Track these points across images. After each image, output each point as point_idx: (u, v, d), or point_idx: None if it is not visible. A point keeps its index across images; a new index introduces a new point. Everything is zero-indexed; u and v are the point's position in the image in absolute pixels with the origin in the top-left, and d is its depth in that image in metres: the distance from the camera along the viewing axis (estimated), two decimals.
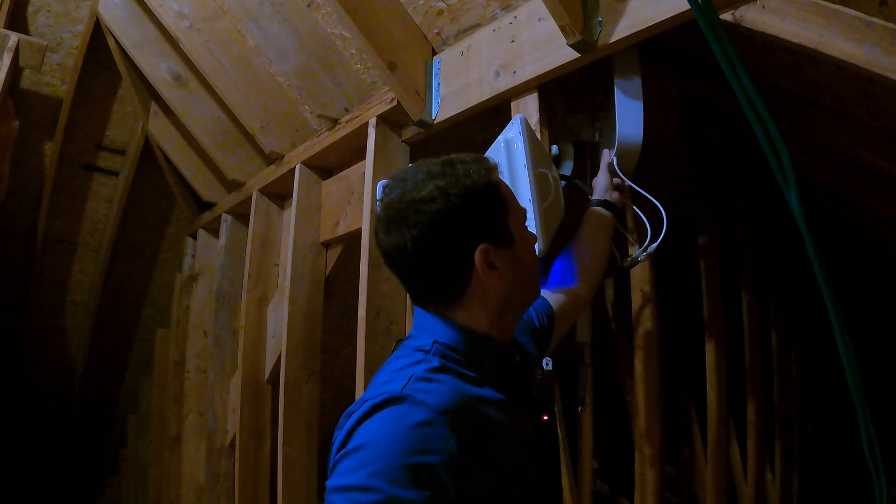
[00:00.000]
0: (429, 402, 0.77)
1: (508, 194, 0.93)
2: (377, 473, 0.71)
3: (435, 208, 0.85)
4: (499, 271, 0.88)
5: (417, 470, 0.72)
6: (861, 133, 1.64)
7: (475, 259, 0.86)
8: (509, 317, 0.94)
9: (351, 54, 2.16)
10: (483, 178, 0.89)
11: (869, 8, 1.10)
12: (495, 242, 0.88)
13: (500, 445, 0.83)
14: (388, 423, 0.75)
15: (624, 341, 2.62)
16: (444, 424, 0.75)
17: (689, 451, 3.28)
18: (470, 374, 0.86)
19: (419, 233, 0.85)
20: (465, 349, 0.88)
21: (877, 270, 3.35)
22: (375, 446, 0.73)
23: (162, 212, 3.71)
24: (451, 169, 0.89)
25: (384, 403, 0.77)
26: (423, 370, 0.83)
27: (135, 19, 2.70)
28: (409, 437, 0.74)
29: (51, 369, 3.72)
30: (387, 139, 2.02)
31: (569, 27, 1.38)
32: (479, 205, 0.87)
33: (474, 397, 0.83)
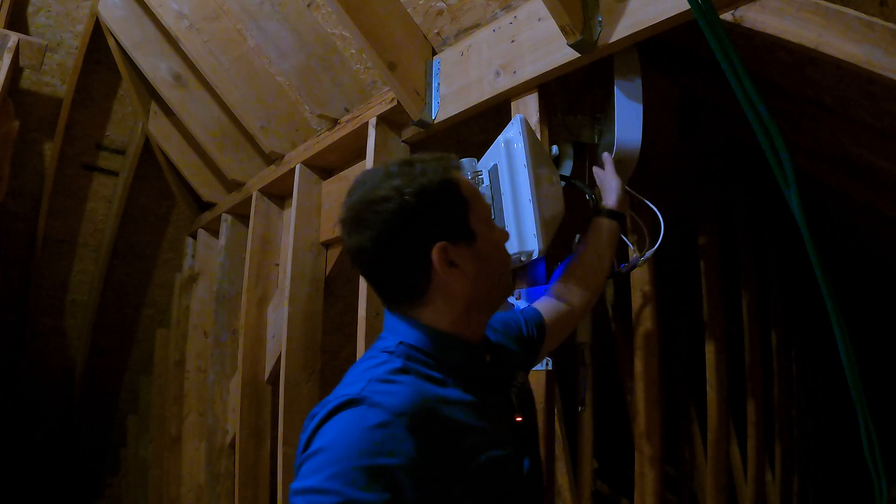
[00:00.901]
0: (385, 404, 0.77)
1: (470, 191, 0.92)
2: (335, 476, 0.72)
3: (390, 208, 0.85)
4: (461, 269, 0.87)
5: (375, 472, 0.72)
6: (861, 133, 1.64)
7: (433, 257, 0.85)
8: (478, 315, 0.93)
9: (351, 54, 2.16)
10: (440, 175, 0.89)
11: (869, 8, 1.10)
12: (454, 240, 0.87)
13: (466, 448, 0.82)
14: (345, 425, 0.76)
15: (624, 341, 2.62)
16: (401, 426, 0.75)
17: (689, 451, 3.28)
18: (434, 375, 0.85)
19: (376, 233, 0.86)
20: (431, 349, 0.87)
21: (877, 270, 3.35)
22: (333, 449, 0.74)
23: (162, 212, 3.70)
24: (409, 168, 0.89)
25: (342, 406, 0.77)
26: (384, 372, 0.83)
27: (135, 19, 2.70)
28: (365, 439, 0.74)
29: (51, 369, 3.72)
30: (387, 139, 2.02)
31: (569, 27, 1.38)
32: (434, 202, 0.87)
33: (437, 398, 0.83)
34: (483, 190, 1.43)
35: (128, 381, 3.99)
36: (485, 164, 1.47)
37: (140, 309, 3.90)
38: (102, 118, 3.36)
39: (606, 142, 1.58)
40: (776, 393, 2.90)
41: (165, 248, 3.80)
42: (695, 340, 2.87)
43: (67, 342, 3.75)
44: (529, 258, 1.39)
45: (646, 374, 1.93)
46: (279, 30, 2.18)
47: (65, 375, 3.75)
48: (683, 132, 2.23)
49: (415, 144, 2.06)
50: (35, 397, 3.71)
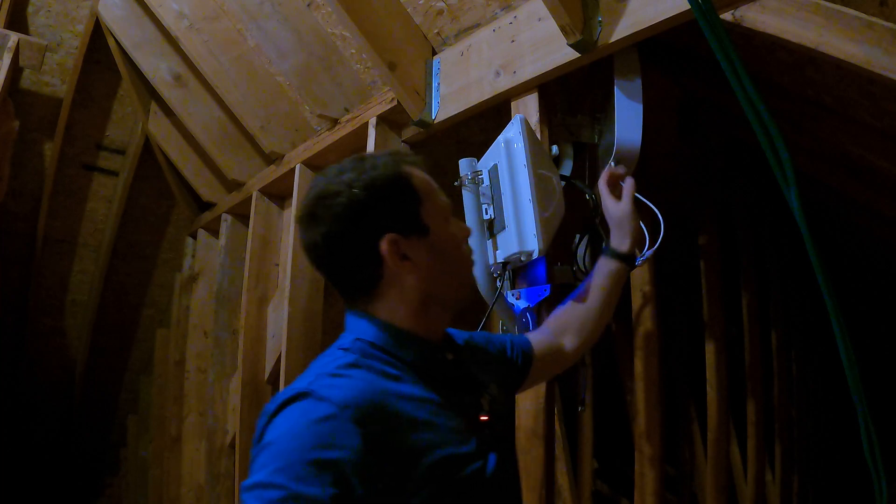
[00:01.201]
0: (332, 397, 0.76)
1: (424, 186, 0.92)
2: (281, 470, 0.71)
3: (339, 202, 0.86)
4: (413, 262, 0.88)
5: (321, 465, 0.71)
6: (861, 133, 1.64)
7: (382, 249, 0.86)
8: (436, 312, 0.92)
9: (351, 54, 2.16)
10: (391, 169, 0.89)
11: (869, 8, 1.10)
12: (406, 233, 0.87)
13: (419, 444, 0.80)
14: (292, 419, 0.76)
15: (624, 341, 2.62)
16: (348, 419, 0.74)
17: (689, 451, 3.28)
18: (389, 371, 0.85)
19: (327, 228, 0.87)
20: (386, 345, 0.87)
21: (877, 270, 3.35)
22: (280, 443, 0.74)
23: (162, 212, 3.70)
24: (360, 163, 0.90)
25: (290, 400, 0.77)
26: (334, 366, 0.83)
27: (135, 19, 2.70)
28: (311, 433, 0.74)
29: (51, 369, 3.72)
30: (387, 139, 2.03)
31: (569, 27, 1.38)
32: (384, 195, 0.87)
33: (389, 392, 0.81)
34: (483, 190, 1.44)
35: (128, 381, 3.99)
36: (485, 164, 1.47)
37: (140, 309, 3.89)
38: (102, 118, 3.36)
39: (606, 142, 1.58)
40: (776, 393, 2.90)
41: (165, 248, 3.80)
42: (695, 340, 2.87)
43: (67, 342, 3.75)
44: (529, 258, 1.39)
45: (646, 374, 1.92)
46: (279, 30, 2.18)
47: (65, 375, 3.75)
48: (683, 132, 2.23)
49: (415, 144, 2.06)
50: (35, 397, 3.70)
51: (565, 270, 1.61)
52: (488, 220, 1.43)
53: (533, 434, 1.48)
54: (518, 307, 1.47)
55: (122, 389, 3.99)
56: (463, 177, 1.44)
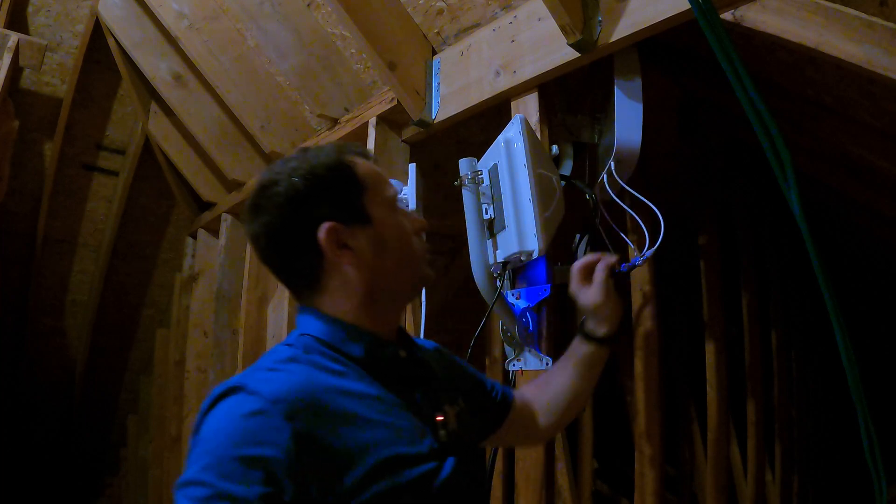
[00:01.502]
0: (264, 391, 0.73)
1: (369, 175, 0.90)
2: (209, 467, 0.68)
3: (279, 191, 0.85)
4: (354, 252, 0.85)
5: (249, 462, 0.68)
6: (861, 133, 1.64)
7: (320, 237, 0.83)
8: (383, 305, 0.89)
9: (351, 54, 2.16)
10: (333, 157, 0.88)
11: (869, 8, 1.10)
12: (347, 221, 0.85)
13: (362, 442, 0.76)
14: (223, 414, 0.73)
15: (624, 341, 2.62)
16: (278, 414, 0.71)
17: (689, 451, 3.28)
18: (332, 366, 0.81)
19: (267, 218, 0.86)
20: (333, 340, 0.84)
21: (877, 270, 3.34)
22: (210, 439, 0.72)
23: (162, 212, 3.70)
24: (304, 153, 0.89)
25: (223, 395, 0.75)
26: (272, 361, 0.81)
27: (135, 19, 2.70)
28: (240, 428, 0.71)
29: (51, 369, 3.72)
30: (387, 139, 2.03)
31: (569, 27, 1.38)
32: (324, 184, 0.86)
33: (330, 388, 0.78)
34: (483, 190, 1.44)
35: (128, 381, 3.99)
36: (485, 163, 1.47)
37: (140, 309, 3.89)
38: (102, 118, 3.36)
39: (606, 142, 1.58)
40: (776, 393, 2.90)
41: (165, 248, 3.80)
42: (695, 340, 2.87)
43: (67, 342, 3.75)
44: (529, 258, 1.39)
45: (646, 374, 1.92)
46: (279, 30, 2.18)
47: (65, 375, 3.75)
48: (683, 132, 2.23)
49: (415, 144, 2.06)
50: (35, 397, 3.70)
51: (565, 270, 1.61)
52: (488, 219, 1.43)
53: None
54: (518, 307, 1.47)
55: (122, 389, 3.99)
56: (463, 176, 1.44)
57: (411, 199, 1.88)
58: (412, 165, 1.88)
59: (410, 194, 1.89)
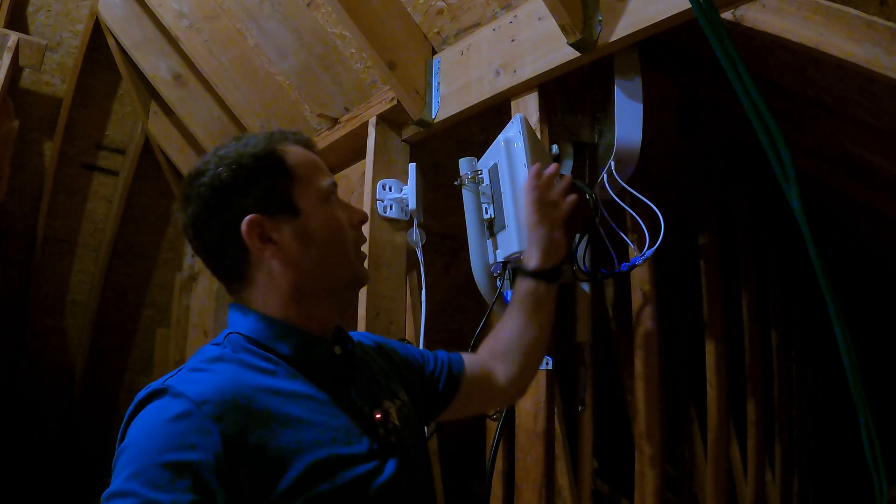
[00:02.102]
0: (188, 393, 0.70)
1: (302, 164, 0.86)
2: (134, 476, 0.66)
3: (203, 181, 0.82)
4: (278, 245, 0.82)
5: (177, 468, 0.65)
6: (861, 133, 1.64)
7: (242, 231, 0.80)
8: (313, 300, 0.85)
9: (351, 54, 2.16)
10: (262, 146, 0.85)
11: (869, 7, 1.10)
12: (271, 213, 0.82)
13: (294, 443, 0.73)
14: (146, 419, 0.70)
15: (624, 341, 2.62)
16: (205, 416, 0.68)
17: (689, 451, 3.28)
18: (262, 365, 0.78)
19: (193, 209, 0.83)
20: (262, 338, 0.81)
21: (877, 270, 3.34)
22: (133, 446, 0.69)
23: (162, 212, 3.70)
24: (235, 142, 0.86)
25: (146, 399, 0.72)
26: (198, 361, 0.78)
27: (135, 19, 2.70)
28: (165, 433, 0.68)
29: (51, 369, 3.72)
30: (387, 139, 2.02)
31: (569, 26, 1.38)
32: (249, 174, 0.82)
33: (259, 388, 0.75)
34: (483, 189, 1.44)
35: (128, 381, 3.99)
36: (485, 163, 1.47)
37: (140, 309, 3.89)
38: (102, 118, 3.36)
39: (606, 141, 1.58)
40: (776, 393, 2.90)
41: (165, 248, 3.80)
42: (695, 340, 2.87)
43: (67, 342, 3.75)
44: None
45: (646, 374, 1.92)
46: (279, 29, 2.18)
47: (65, 375, 3.74)
48: (683, 132, 2.23)
49: (415, 144, 2.06)
50: (35, 397, 3.70)
51: (565, 270, 1.61)
52: (488, 219, 1.43)
53: (533, 434, 1.48)
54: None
55: (122, 389, 3.99)
56: (463, 176, 1.44)
57: (411, 198, 1.88)
58: (412, 165, 1.88)
59: (410, 194, 1.89)
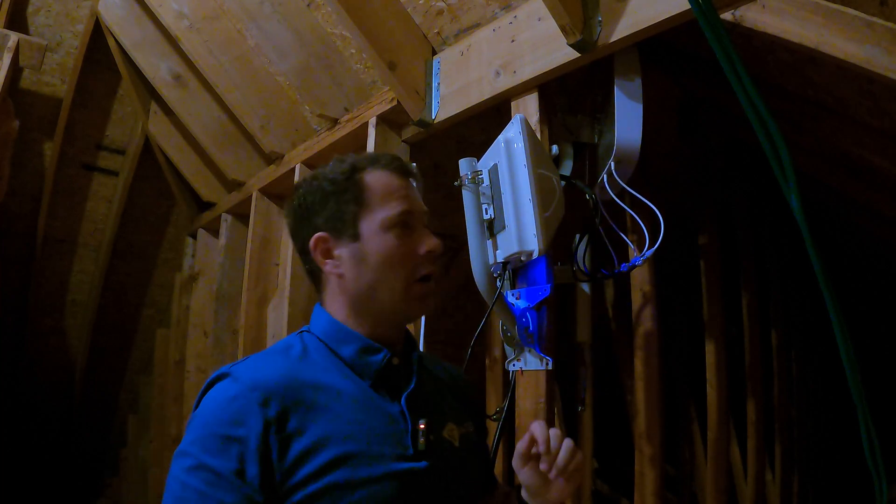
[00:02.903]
0: (245, 378, 0.82)
1: (377, 191, 0.92)
2: (195, 441, 0.79)
3: (297, 195, 0.96)
4: (337, 263, 0.92)
5: (226, 440, 0.77)
6: (861, 133, 1.64)
7: (310, 245, 0.92)
8: (369, 315, 0.92)
9: (351, 54, 2.16)
10: (342, 173, 0.93)
11: (869, 8, 1.10)
12: (337, 234, 0.92)
13: (329, 434, 0.81)
14: (211, 397, 0.83)
15: (624, 341, 2.62)
16: (254, 400, 0.79)
17: (689, 451, 3.28)
18: (321, 362, 0.89)
19: (289, 219, 0.98)
20: (328, 339, 0.92)
21: (877, 270, 3.34)
22: (199, 417, 0.82)
23: (162, 212, 3.70)
24: (334, 161, 0.97)
25: (215, 380, 0.84)
26: (265, 352, 0.92)
27: (135, 19, 2.70)
28: (222, 409, 0.80)
29: (51, 369, 3.72)
30: (387, 139, 2.02)
31: (569, 27, 1.38)
32: (325, 196, 0.93)
33: (307, 382, 0.85)
34: (483, 189, 1.44)
35: (128, 381, 3.99)
36: (485, 163, 1.47)
37: (140, 309, 3.89)
38: (102, 118, 3.36)
39: (606, 142, 1.58)
40: (776, 393, 2.90)
41: (165, 248, 3.80)
42: (695, 340, 2.87)
43: (67, 342, 3.75)
44: (529, 258, 1.39)
45: (646, 374, 1.92)
46: (279, 29, 2.18)
47: (65, 375, 3.75)
48: (683, 132, 2.23)
49: (415, 144, 2.06)
50: (35, 397, 3.70)
51: (565, 270, 1.61)
52: (488, 219, 1.43)
53: None
54: (518, 307, 1.47)
55: (122, 389, 3.99)
56: (463, 176, 1.44)
57: None
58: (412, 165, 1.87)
59: None
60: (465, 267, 1.57)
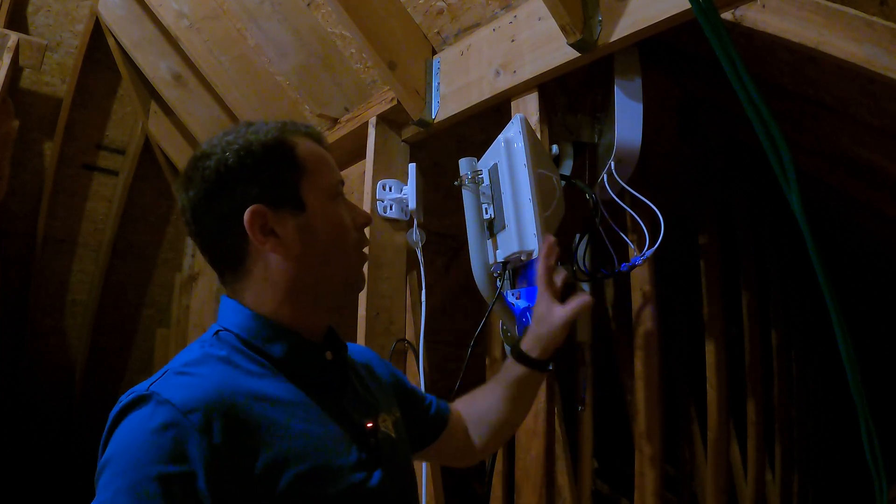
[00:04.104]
0: (175, 400, 0.67)
1: (312, 158, 0.83)
2: (124, 491, 0.63)
3: (209, 164, 0.79)
4: (279, 239, 0.79)
5: (167, 481, 0.64)
6: (861, 132, 1.64)
7: (244, 219, 0.78)
8: (308, 301, 0.82)
9: (351, 54, 2.16)
10: (272, 135, 0.82)
11: (869, 7, 1.10)
12: (276, 205, 0.79)
13: (283, 452, 0.71)
14: (131, 429, 0.68)
15: (624, 341, 2.62)
16: (191, 425, 0.66)
17: (689, 451, 3.28)
18: (251, 368, 0.76)
19: (195, 193, 0.81)
20: (251, 337, 0.79)
21: (877, 270, 3.34)
22: (120, 458, 0.66)
23: (162, 212, 3.70)
24: (245, 127, 0.83)
25: (130, 406, 0.70)
26: (182, 363, 0.75)
27: (135, 19, 2.70)
28: (153, 444, 0.65)
29: (51, 369, 3.72)
30: (387, 139, 2.02)
31: (569, 26, 1.38)
32: (256, 162, 0.79)
33: (247, 393, 0.72)
34: (483, 189, 1.44)
35: (128, 381, 3.99)
36: (485, 163, 1.47)
37: (140, 309, 3.89)
38: (102, 118, 3.36)
39: (606, 142, 1.58)
40: (776, 393, 2.90)
41: (165, 248, 3.80)
42: (695, 340, 2.87)
43: (67, 342, 3.75)
44: (529, 257, 1.39)
45: (646, 374, 1.92)
46: (279, 29, 2.18)
47: (65, 375, 3.75)
48: (683, 132, 2.23)
49: (415, 144, 2.06)
50: (35, 397, 3.70)
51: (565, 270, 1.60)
52: (488, 219, 1.43)
53: (533, 433, 1.48)
54: (518, 307, 1.47)
55: (121, 389, 3.96)
56: (463, 176, 1.44)
57: (411, 198, 1.88)
58: (412, 165, 1.88)
59: (410, 194, 1.89)
60: (465, 267, 1.57)
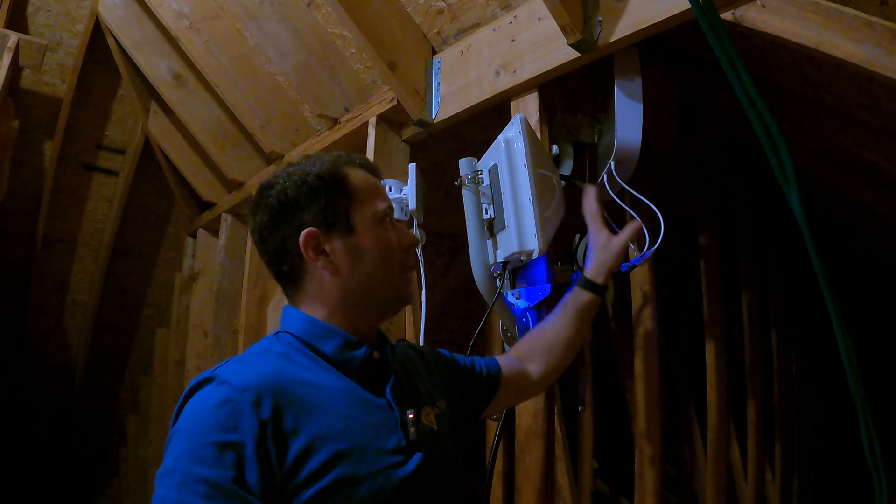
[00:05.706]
0: (232, 381, 0.78)
1: (361, 187, 0.94)
2: (184, 455, 0.74)
3: (273, 192, 0.91)
4: (332, 258, 0.90)
5: (221, 448, 0.73)
6: (861, 132, 1.64)
7: (299, 241, 0.89)
8: (357, 312, 0.93)
9: (351, 54, 2.16)
10: (327, 168, 0.93)
11: (869, 7, 1.10)
12: (328, 229, 0.90)
13: (325, 432, 0.79)
14: (195, 405, 0.79)
15: (624, 341, 2.62)
16: (246, 402, 0.76)
17: (689, 451, 3.28)
18: (303, 361, 0.87)
19: (261, 217, 0.93)
20: (308, 337, 0.90)
21: (877, 270, 3.34)
22: (183, 429, 0.77)
23: (162, 212, 3.70)
24: (307, 160, 0.95)
25: (196, 386, 0.80)
26: (247, 353, 0.88)
27: (135, 19, 2.70)
28: (211, 416, 0.76)
29: (51, 369, 3.72)
30: (387, 139, 2.02)
31: (569, 26, 1.38)
32: (312, 191, 0.91)
33: (296, 380, 0.83)
34: (483, 189, 1.44)
35: (128, 381, 3.99)
36: (485, 163, 1.47)
37: (140, 309, 3.89)
38: (102, 118, 3.36)
39: (606, 142, 1.58)
40: (776, 393, 2.90)
41: (165, 248, 3.80)
42: (695, 340, 2.87)
43: (67, 342, 3.75)
44: (529, 257, 1.39)
45: (646, 374, 1.92)
46: (279, 29, 2.18)
47: (65, 375, 3.75)
48: (683, 132, 2.23)
49: (415, 144, 2.06)
50: (35, 397, 3.70)
51: (565, 270, 1.61)
52: (488, 219, 1.43)
53: (533, 433, 1.48)
54: (518, 307, 1.47)
55: (122, 389, 3.99)
56: (463, 176, 1.44)
57: (411, 198, 1.88)
58: (412, 165, 1.88)
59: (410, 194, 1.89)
60: (465, 267, 1.57)
